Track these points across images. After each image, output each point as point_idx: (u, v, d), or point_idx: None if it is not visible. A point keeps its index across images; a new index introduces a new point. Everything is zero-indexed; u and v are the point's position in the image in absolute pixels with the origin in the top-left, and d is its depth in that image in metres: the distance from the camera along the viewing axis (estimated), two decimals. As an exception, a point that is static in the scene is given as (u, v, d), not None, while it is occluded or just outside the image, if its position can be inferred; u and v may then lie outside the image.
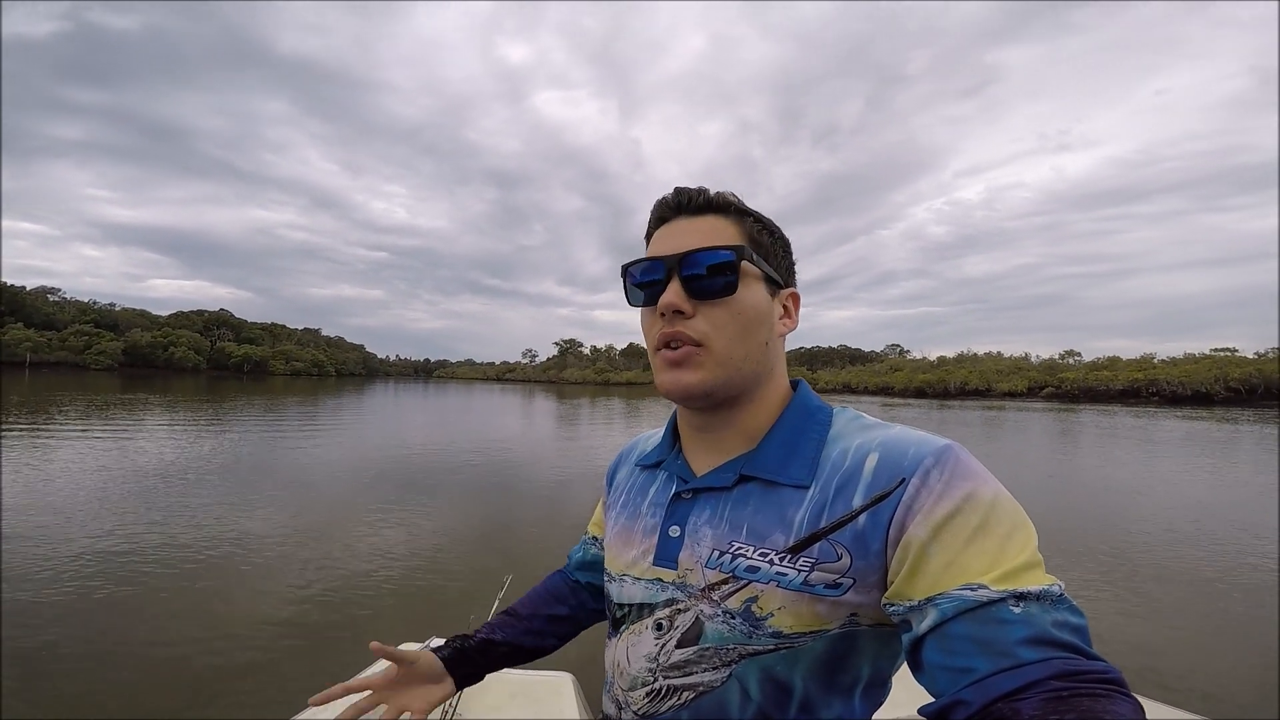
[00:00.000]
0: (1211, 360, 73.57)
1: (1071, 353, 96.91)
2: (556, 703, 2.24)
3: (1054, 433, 24.84)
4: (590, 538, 1.05)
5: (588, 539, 1.05)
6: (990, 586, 0.53)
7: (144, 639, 4.13)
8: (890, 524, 0.61)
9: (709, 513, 0.73)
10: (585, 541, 1.06)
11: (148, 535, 6.49)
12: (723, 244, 0.72)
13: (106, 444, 13.22)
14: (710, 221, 0.74)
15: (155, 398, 30.84)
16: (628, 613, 0.78)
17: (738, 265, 0.71)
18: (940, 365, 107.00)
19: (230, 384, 60.13)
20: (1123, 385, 73.82)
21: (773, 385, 0.77)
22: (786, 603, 0.64)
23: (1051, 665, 0.49)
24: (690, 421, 0.80)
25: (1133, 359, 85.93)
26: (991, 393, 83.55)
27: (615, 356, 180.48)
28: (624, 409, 37.04)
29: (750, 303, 0.72)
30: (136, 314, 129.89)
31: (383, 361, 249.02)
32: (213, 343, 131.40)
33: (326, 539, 6.67)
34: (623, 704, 0.76)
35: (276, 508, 8.02)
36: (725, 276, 0.71)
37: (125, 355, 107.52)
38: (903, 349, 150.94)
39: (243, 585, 5.20)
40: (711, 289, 0.71)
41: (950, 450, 0.63)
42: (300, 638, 4.26)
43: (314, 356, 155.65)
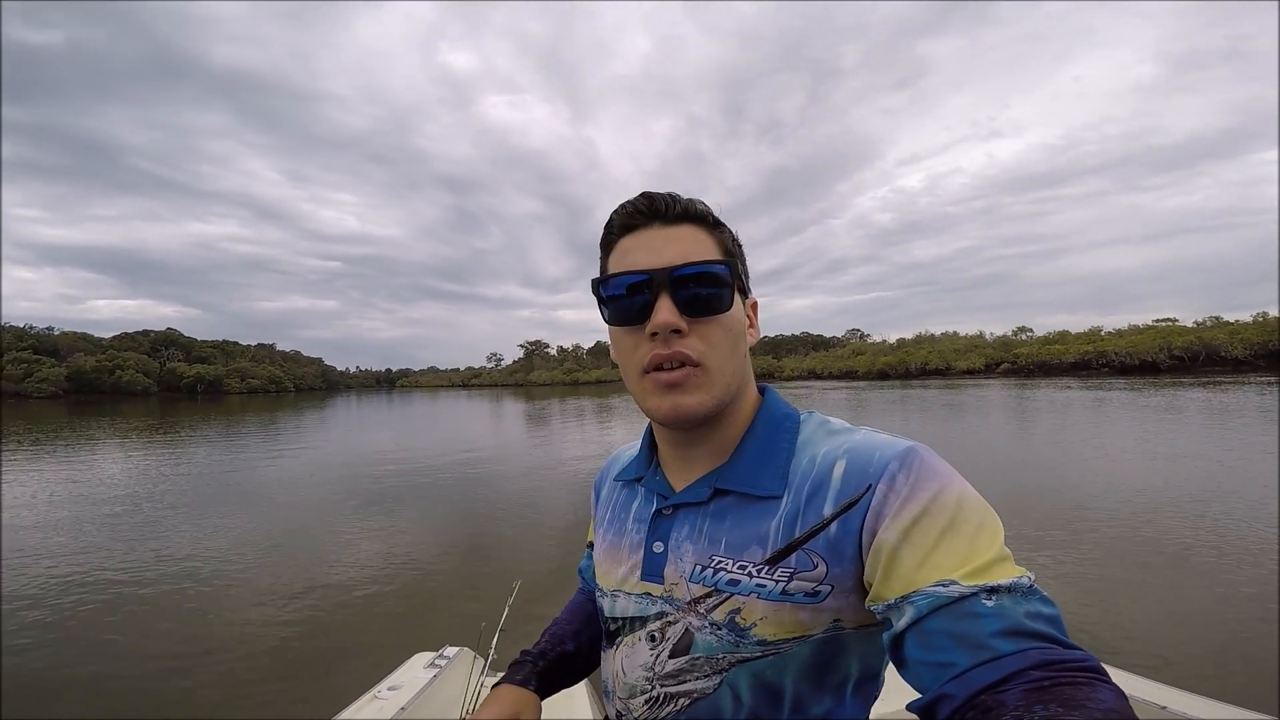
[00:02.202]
0: (1155, 331, 77.11)
1: (1024, 329, 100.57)
2: (569, 706, 2.21)
3: (1019, 412, 25.66)
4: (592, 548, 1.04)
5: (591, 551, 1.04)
6: (961, 582, 0.54)
7: (124, 665, 3.99)
8: (861, 530, 0.62)
9: (689, 528, 0.74)
10: (590, 554, 1.04)
11: (119, 563, 6.26)
12: (713, 257, 0.71)
13: (61, 477, 12.66)
14: (689, 231, 0.72)
15: (106, 424, 29.64)
16: (621, 625, 0.79)
17: (731, 280, 0.70)
18: (900, 347, 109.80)
19: (184, 406, 58.14)
20: (1074, 358, 76.92)
21: (744, 398, 0.77)
22: (768, 613, 0.65)
23: (1029, 656, 0.49)
24: (668, 437, 0.80)
25: (1081, 332, 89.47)
26: (951, 371, 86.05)
27: (583, 355, 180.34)
28: (595, 408, 37.00)
29: (736, 318, 0.72)
30: (78, 337, 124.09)
31: (343, 374, 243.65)
32: (162, 364, 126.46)
33: (309, 557, 6.53)
34: (624, 711, 0.78)
35: (254, 531, 7.81)
36: (720, 291, 0.70)
37: (69, 381, 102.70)
38: (863, 333, 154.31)
39: (232, 607, 5.06)
40: (708, 305, 0.69)
41: (914, 452, 0.64)
42: (295, 656, 4.17)
43: (270, 373, 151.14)
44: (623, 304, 0.71)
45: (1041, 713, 0.45)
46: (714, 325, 0.70)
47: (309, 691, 3.68)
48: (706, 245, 0.72)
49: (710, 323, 0.69)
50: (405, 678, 2.16)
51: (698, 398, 0.69)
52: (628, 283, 0.70)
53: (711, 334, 0.69)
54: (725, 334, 0.70)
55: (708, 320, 0.69)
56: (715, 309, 0.69)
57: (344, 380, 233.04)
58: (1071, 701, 0.45)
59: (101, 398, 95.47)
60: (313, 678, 3.86)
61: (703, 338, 0.69)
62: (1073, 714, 0.44)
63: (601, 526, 0.90)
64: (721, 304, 0.70)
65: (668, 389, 0.69)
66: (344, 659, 4.09)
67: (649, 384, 0.71)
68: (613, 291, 0.72)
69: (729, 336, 0.71)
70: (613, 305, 0.73)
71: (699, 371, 0.69)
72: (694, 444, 0.77)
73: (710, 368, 0.69)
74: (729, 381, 0.71)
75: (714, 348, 0.70)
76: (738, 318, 0.73)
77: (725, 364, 0.71)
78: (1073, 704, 0.45)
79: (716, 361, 0.70)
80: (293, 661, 4.10)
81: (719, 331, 0.70)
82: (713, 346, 0.69)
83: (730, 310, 0.71)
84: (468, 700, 2.21)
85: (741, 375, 0.74)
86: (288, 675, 3.91)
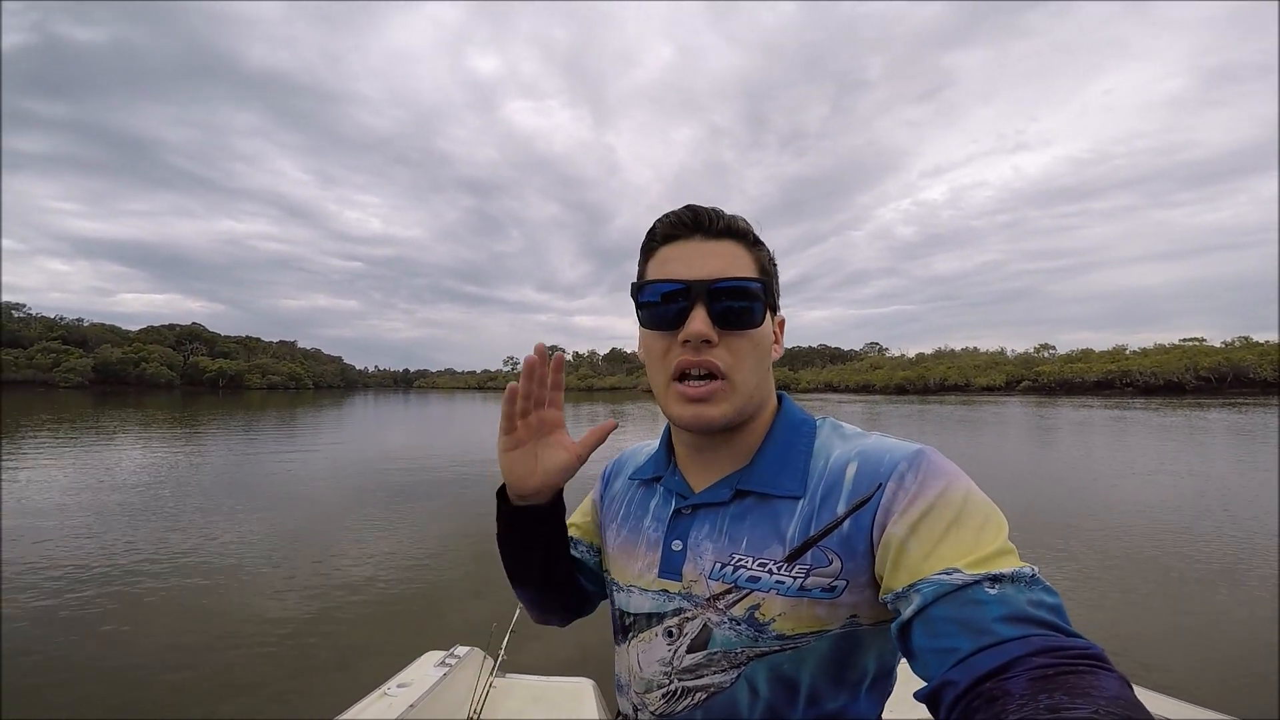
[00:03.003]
0: (1181, 350, 75.52)
1: (1046, 346, 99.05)
2: (578, 708, 2.24)
3: (1035, 430, 25.26)
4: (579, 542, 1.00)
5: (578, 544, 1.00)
6: (965, 570, 0.56)
7: (138, 660, 4.06)
8: (872, 526, 0.65)
9: (709, 527, 0.76)
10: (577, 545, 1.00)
11: (137, 555, 6.37)
12: (751, 275, 0.73)
13: (84, 465, 12.93)
14: (730, 247, 0.74)
15: (130, 415, 30.20)
16: (635, 621, 0.81)
17: (764, 298, 0.73)
18: (919, 362, 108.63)
19: (206, 399, 59.13)
20: (1097, 377, 75.45)
21: (765, 406, 0.80)
22: (786, 608, 0.68)
23: (1031, 642, 0.50)
24: (689, 441, 0.82)
25: (1105, 351, 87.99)
26: (970, 387, 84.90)
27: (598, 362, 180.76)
28: (609, 414, 37.02)
29: (765, 333, 0.75)
30: (106, 329, 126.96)
31: (361, 373, 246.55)
32: (186, 357, 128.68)
33: (323, 554, 6.61)
34: (639, 705, 0.80)
35: (274, 525, 7.91)
36: (753, 307, 0.72)
37: (95, 372, 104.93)
38: (881, 347, 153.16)
39: (246, 602, 5.13)
40: (740, 319, 0.72)
41: (922, 454, 0.67)
42: (308, 652, 4.22)
43: (291, 369, 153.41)
44: (659, 309, 0.74)
45: (1047, 701, 0.45)
46: (744, 340, 0.72)
47: (319, 687, 3.72)
48: (745, 262, 0.74)
49: (740, 337, 0.72)
50: (415, 675, 2.19)
51: (720, 409, 0.72)
52: (665, 290, 0.73)
53: (740, 348, 0.72)
54: (753, 349, 0.73)
55: (738, 334, 0.72)
56: (747, 324, 0.72)
57: (362, 379, 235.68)
58: (1076, 690, 0.45)
59: (126, 389, 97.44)
60: (323, 673, 3.90)
61: (731, 350, 0.72)
62: (1078, 702, 0.44)
63: (615, 522, 0.91)
64: (754, 319, 0.72)
65: (692, 400, 0.72)
66: (355, 656, 4.13)
67: (675, 392, 0.74)
68: (650, 297, 0.74)
69: (756, 351, 0.74)
70: (649, 309, 0.75)
71: (724, 385, 0.72)
72: (715, 448, 0.79)
73: (735, 381, 0.72)
74: (751, 395, 0.74)
75: (740, 361, 0.72)
76: (766, 334, 0.75)
77: (749, 378, 0.73)
78: (1078, 692, 0.45)
79: (741, 375, 0.72)
80: (304, 657, 4.14)
81: (747, 346, 0.73)
82: (739, 360, 0.72)
83: (760, 327, 0.74)
84: (476, 699, 2.25)
85: (764, 389, 0.78)
86: (298, 670, 3.95)
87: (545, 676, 2.43)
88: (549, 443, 0.82)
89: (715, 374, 0.71)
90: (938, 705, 0.54)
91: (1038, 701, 0.45)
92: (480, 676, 2.22)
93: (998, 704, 0.47)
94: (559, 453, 0.81)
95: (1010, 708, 0.46)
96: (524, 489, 0.81)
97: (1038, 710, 0.44)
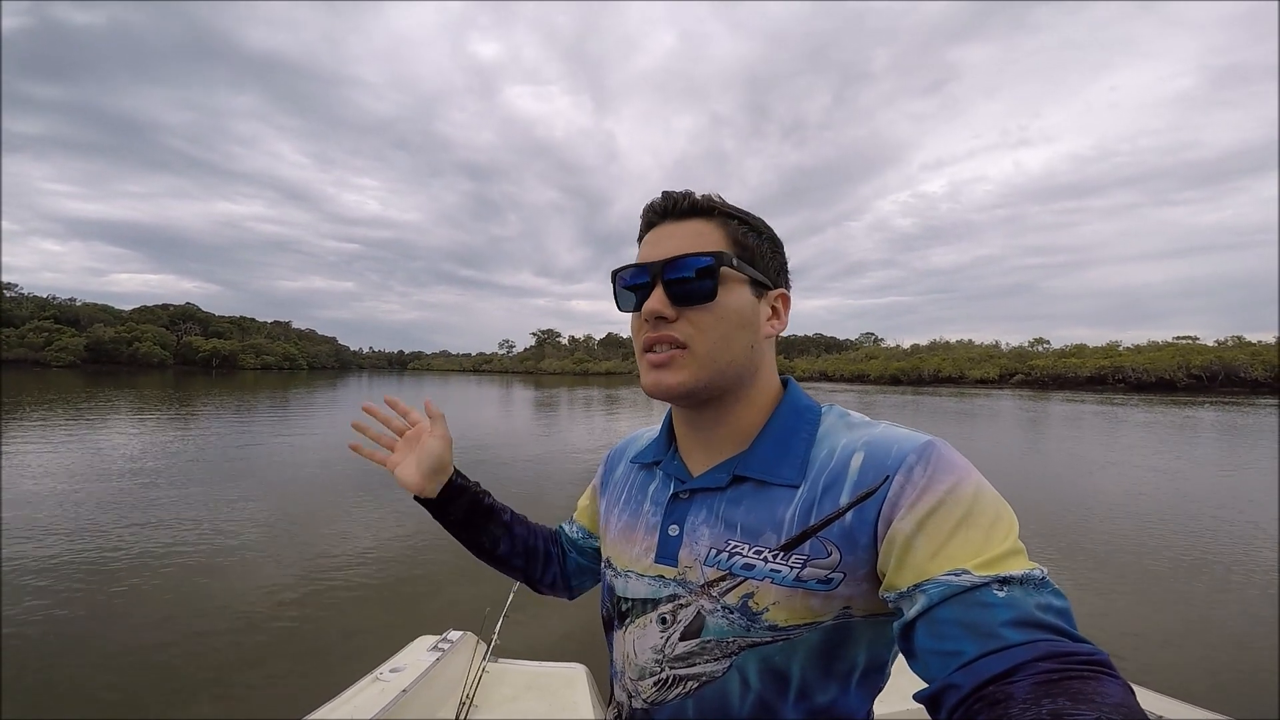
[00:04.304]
0: (1174, 348, 75.73)
1: (1040, 340, 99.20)
2: (570, 694, 2.24)
3: (1025, 423, 25.41)
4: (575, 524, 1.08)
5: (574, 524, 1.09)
6: (974, 572, 0.55)
7: (130, 642, 4.07)
8: (877, 520, 0.63)
9: (705, 512, 0.75)
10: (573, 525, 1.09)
11: (129, 538, 6.38)
12: (703, 250, 0.73)
13: (74, 445, 12.90)
14: (694, 226, 0.76)
15: (122, 395, 30.05)
16: (632, 606, 0.81)
17: (717, 270, 0.73)
18: (914, 353, 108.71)
19: (199, 379, 58.81)
20: (1090, 372, 75.76)
21: (761, 385, 0.79)
22: (781, 598, 0.67)
23: (1038, 647, 0.49)
24: (685, 421, 0.83)
25: (1099, 346, 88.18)
26: (964, 380, 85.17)
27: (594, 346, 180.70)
28: (603, 398, 37.04)
29: (733, 307, 0.74)
30: (98, 309, 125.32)
31: (356, 354, 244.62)
32: (179, 337, 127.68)
33: (317, 536, 6.63)
34: (632, 692, 0.79)
35: (267, 509, 7.93)
36: (706, 282, 0.72)
37: (88, 351, 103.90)
38: (877, 337, 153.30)
39: (238, 585, 5.15)
40: (693, 294, 0.73)
41: (932, 446, 0.65)
42: (300, 636, 4.24)
43: (285, 350, 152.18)
44: (627, 293, 0.79)
45: (1050, 706, 0.45)
46: (703, 313, 0.73)
47: (313, 671, 3.74)
48: (711, 238, 0.75)
49: (700, 310, 0.73)
50: (408, 660, 2.20)
51: (679, 376, 0.73)
52: (632, 273, 0.77)
53: (701, 320, 0.73)
54: (716, 321, 0.73)
55: (697, 309, 0.73)
56: (702, 298, 0.73)
57: (357, 360, 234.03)
58: (1079, 695, 0.45)
59: (118, 368, 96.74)
60: (316, 658, 3.92)
61: (692, 323, 0.73)
62: (1080, 708, 0.44)
63: (616, 506, 0.92)
64: (707, 293, 0.73)
65: (654, 368, 0.75)
66: (348, 640, 4.15)
67: (644, 363, 0.77)
68: (623, 283, 0.79)
69: (720, 324, 0.73)
70: (621, 294, 0.80)
71: (683, 354, 0.73)
72: (709, 427, 0.79)
73: (697, 351, 0.73)
74: (720, 367, 0.74)
75: (701, 332, 0.73)
76: (735, 308, 0.74)
77: (715, 349, 0.73)
78: (1080, 698, 0.45)
79: (704, 346, 0.73)
80: (296, 641, 4.16)
81: (708, 318, 0.73)
82: (701, 331, 0.73)
83: (721, 300, 0.73)
84: (468, 684, 2.26)
85: (742, 363, 0.76)
86: (291, 654, 3.97)
87: (538, 662, 2.44)
88: (420, 442, 0.96)
89: (674, 345, 0.73)
90: (938, 708, 0.53)
91: (1040, 706, 0.45)
92: (473, 661, 2.22)
93: (1000, 707, 0.47)
94: (430, 443, 0.95)
95: (1013, 711, 0.46)
96: (413, 489, 0.94)
97: (1040, 715, 0.44)
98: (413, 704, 1.94)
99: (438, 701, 2.05)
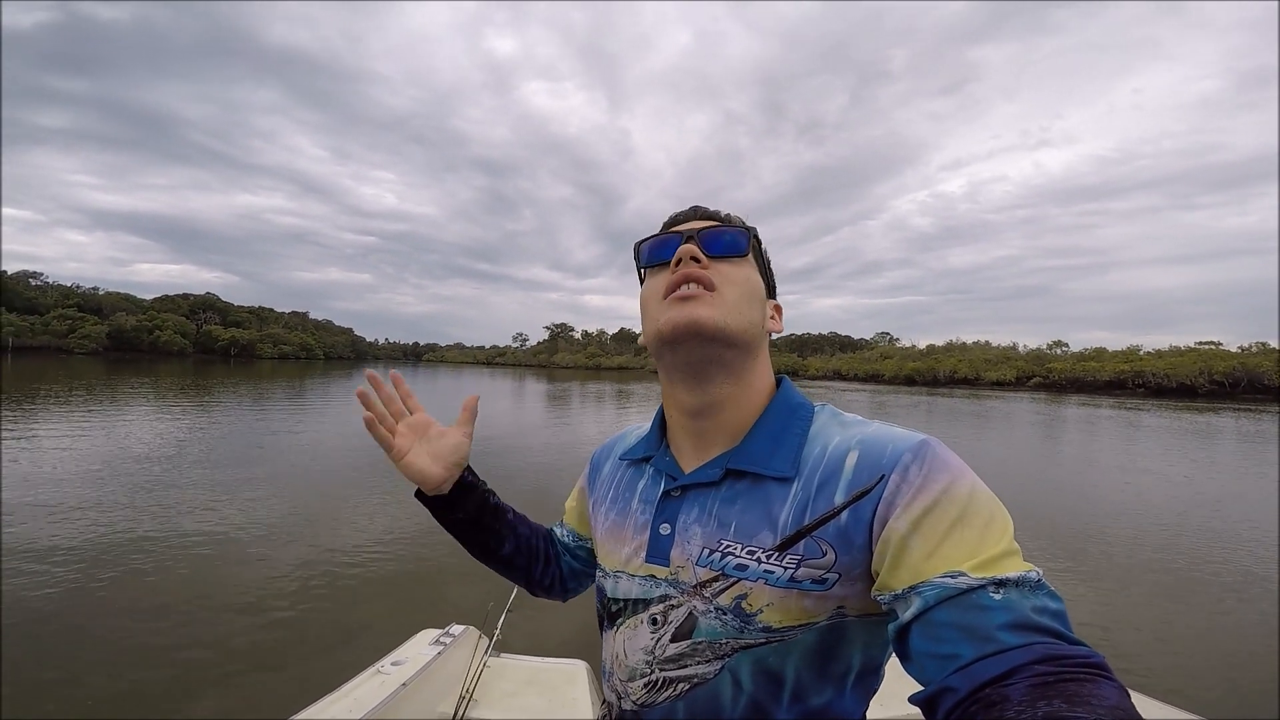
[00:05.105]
0: (1197, 353, 74.40)
1: (1059, 343, 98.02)
2: (570, 690, 2.25)
3: (1040, 427, 25.08)
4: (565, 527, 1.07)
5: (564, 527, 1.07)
6: (970, 574, 0.54)
7: (138, 629, 4.13)
8: (872, 519, 0.63)
9: (698, 510, 0.74)
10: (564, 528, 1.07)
11: (140, 523, 6.47)
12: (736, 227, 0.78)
13: (95, 430, 13.10)
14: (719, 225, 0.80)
15: (142, 382, 30.52)
16: (623, 607, 0.79)
17: (748, 246, 0.77)
18: (930, 353, 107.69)
19: (217, 368, 59.55)
20: (1109, 376, 74.61)
21: (758, 375, 0.78)
22: (774, 599, 0.66)
23: (1034, 650, 0.49)
24: (682, 404, 0.79)
25: (1119, 350, 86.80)
26: (980, 381, 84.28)
27: (606, 341, 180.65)
28: (614, 392, 37.08)
29: (756, 279, 0.78)
30: (120, 298, 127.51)
31: (371, 345, 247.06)
32: (199, 326, 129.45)
33: (325, 527, 6.68)
34: (622, 694, 0.78)
35: (275, 499, 8.02)
36: (740, 241, 0.77)
37: (110, 339, 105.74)
38: (892, 337, 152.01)
39: (243, 575, 5.21)
40: (727, 247, 0.76)
41: (927, 445, 0.65)
42: (303, 628, 4.28)
43: (302, 340, 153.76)
44: (656, 250, 0.80)
45: (1045, 708, 0.45)
46: (732, 267, 0.75)
47: (315, 662, 3.76)
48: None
49: (729, 264, 0.75)
50: (410, 653, 2.21)
51: (710, 312, 0.71)
52: (663, 239, 0.79)
53: (729, 273, 0.74)
54: (744, 279, 0.75)
55: (726, 260, 0.75)
56: (735, 252, 0.76)
57: (372, 351, 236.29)
58: (1075, 697, 0.45)
59: (139, 356, 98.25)
60: (319, 649, 3.94)
61: (720, 274, 0.74)
62: (1077, 710, 0.44)
63: (604, 505, 0.90)
64: (740, 249, 0.76)
65: (683, 301, 0.72)
66: (351, 632, 4.17)
67: (668, 303, 0.74)
68: (650, 245, 0.81)
69: (747, 284, 0.75)
70: (648, 252, 0.81)
71: (715, 295, 0.72)
72: (708, 416, 0.77)
73: (726, 296, 0.73)
74: (742, 321, 0.73)
75: (732, 283, 0.74)
76: (756, 280, 0.78)
77: (740, 302, 0.74)
78: (1077, 700, 0.45)
79: (733, 294, 0.73)
80: (299, 632, 4.18)
81: (738, 274, 0.75)
82: (731, 282, 0.74)
83: (748, 265, 0.77)
84: (469, 678, 2.28)
85: (756, 332, 0.76)
86: (294, 645, 3.99)
87: (539, 657, 2.45)
88: (432, 435, 0.91)
89: (705, 284, 0.73)
90: (934, 710, 0.53)
91: (1036, 708, 0.45)
92: (474, 656, 2.24)
93: (996, 709, 0.47)
94: (448, 437, 0.91)
95: (1009, 714, 0.46)
96: (431, 482, 0.88)
97: (1036, 717, 0.44)
98: (413, 698, 1.95)
99: (438, 695, 2.06)
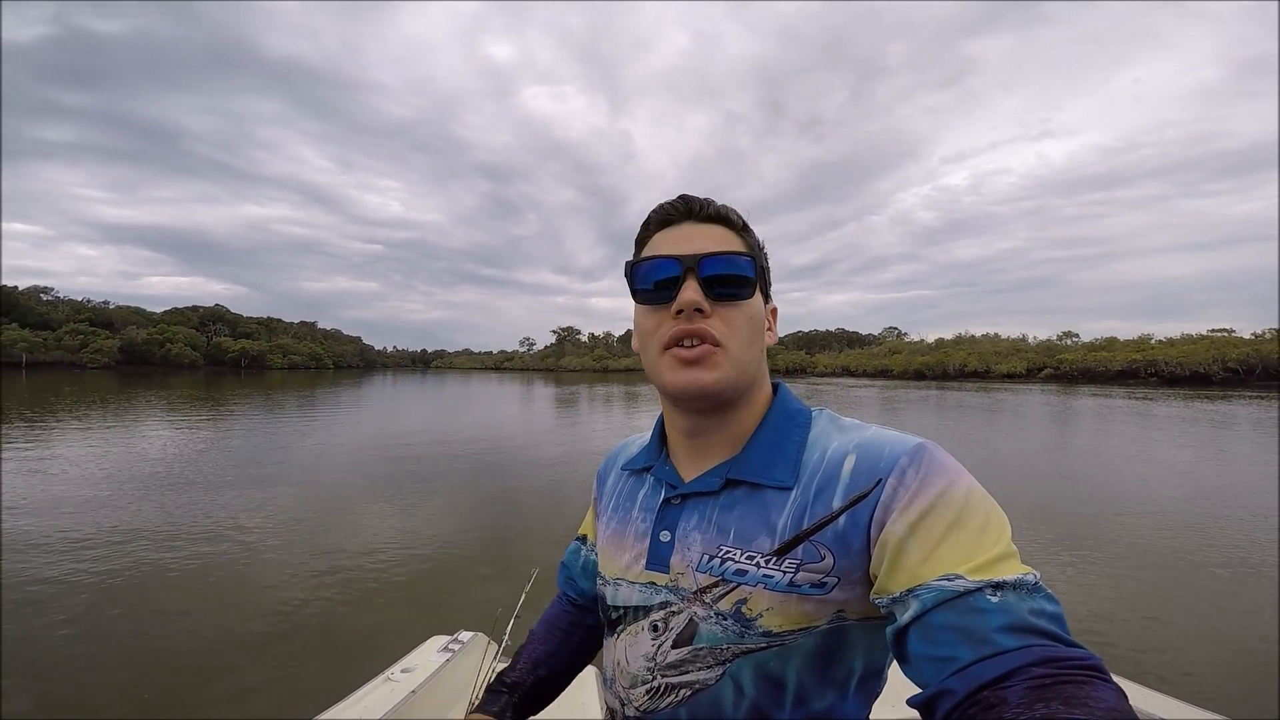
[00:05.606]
0: (1209, 341, 73.47)
1: (1069, 334, 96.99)
2: (580, 694, 2.24)
3: (1052, 419, 24.91)
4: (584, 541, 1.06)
5: (581, 543, 1.06)
6: (967, 577, 0.55)
7: (152, 636, 4.16)
8: (870, 523, 0.63)
9: (697, 518, 0.74)
10: (579, 545, 1.07)
11: (155, 533, 6.52)
12: (741, 251, 0.75)
13: (110, 442, 13.24)
14: (719, 230, 0.76)
15: (155, 394, 30.80)
16: (624, 614, 0.80)
17: (755, 271, 0.74)
18: (939, 347, 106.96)
19: (228, 379, 60.08)
20: (1121, 366, 73.82)
21: (759, 389, 0.79)
22: (774, 603, 0.66)
23: (1032, 652, 0.50)
24: (681, 427, 0.80)
25: (1130, 340, 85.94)
26: (990, 374, 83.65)
27: (613, 343, 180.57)
28: (622, 395, 37.12)
29: (757, 309, 0.75)
30: (131, 311, 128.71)
31: (380, 353, 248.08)
32: (209, 338, 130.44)
33: (337, 534, 6.71)
34: (624, 700, 0.78)
35: (288, 504, 8.06)
36: (743, 280, 0.73)
37: (121, 353, 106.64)
38: (900, 332, 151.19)
39: (255, 582, 5.24)
40: (729, 292, 0.72)
41: (924, 449, 0.65)
42: (314, 635, 4.30)
43: (311, 349, 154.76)
44: (652, 284, 0.74)
45: (1043, 710, 0.45)
46: (736, 311, 0.72)
47: (324, 670, 3.76)
48: (735, 244, 0.76)
49: (732, 308, 0.72)
50: (419, 660, 2.21)
51: (715, 374, 0.70)
52: (658, 265, 0.74)
53: (734, 319, 0.72)
54: (746, 321, 0.73)
55: (730, 305, 0.72)
56: (738, 296, 0.73)
57: (381, 359, 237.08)
58: (1073, 699, 0.45)
59: (151, 369, 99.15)
60: (328, 656, 3.95)
61: (725, 320, 0.72)
62: (1074, 712, 0.44)
63: (605, 514, 0.90)
64: (744, 292, 0.73)
65: (686, 365, 0.71)
66: (360, 639, 4.18)
67: (670, 359, 0.73)
68: (644, 273, 0.75)
69: (750, 324, 0.74)
70: (643, 286, 0.76)
71: (719, 351, 0.71)
72: (707, 433, 0.78)
73: (730, 349, 0.71)
74: (746, 368, 0.73)
75: (735, 331, 0.72)
76: (758, 310, 0.76)
77: (744, 350, 0.73)
78: (1074, 702, 0.45)
79: (736, 345, 0.72)
80: (309, 639, 4.20)
81: (741, 317, 0.73)
82: (734, 330, 0.72)
83: (752, 300, 0.74)
84: (478, 685, 2.26)
85: (758, 366, 0.76)
86: (304, 652, 4.01)
87: None
88: None
89: (709, 340, 0.71)
90: (933, 712, 0.53)
91: (1034, 710, 0.45)
92: (484, 662, 2.23)
93: (994, 711, 0.47)
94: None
95: (1006, 716, 0.46)
96: None
97: (1033, 719, 0.45)
98: (422, 704, 1.95)
99: (447, 702, 2.06)
